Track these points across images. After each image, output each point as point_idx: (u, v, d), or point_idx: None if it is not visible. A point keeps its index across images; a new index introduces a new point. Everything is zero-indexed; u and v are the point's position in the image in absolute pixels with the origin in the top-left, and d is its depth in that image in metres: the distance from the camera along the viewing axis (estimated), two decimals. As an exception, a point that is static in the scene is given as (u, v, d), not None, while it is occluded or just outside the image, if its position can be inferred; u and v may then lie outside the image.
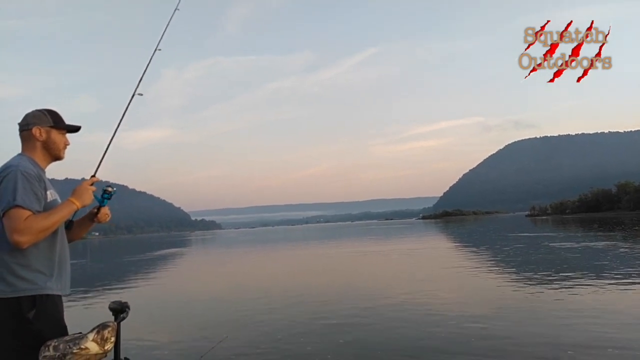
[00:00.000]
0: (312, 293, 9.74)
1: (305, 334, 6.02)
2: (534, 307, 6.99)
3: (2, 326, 1.95)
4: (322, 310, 7.58)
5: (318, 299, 8.78)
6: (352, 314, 7.15)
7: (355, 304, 8.03)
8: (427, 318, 6.55)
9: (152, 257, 27.95)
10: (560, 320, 6.01)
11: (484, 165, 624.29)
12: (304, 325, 6.52)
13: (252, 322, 6.94)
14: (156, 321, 7.55)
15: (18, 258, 1.97)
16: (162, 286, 13.13)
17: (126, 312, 2.16)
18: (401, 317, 6.68)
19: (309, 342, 5.61)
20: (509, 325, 5.85)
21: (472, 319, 6.35)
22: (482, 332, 5.57)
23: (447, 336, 5.50)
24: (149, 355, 5.31)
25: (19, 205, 1.91)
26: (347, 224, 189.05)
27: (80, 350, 1.85)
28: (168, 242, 62.84)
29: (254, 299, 9.49)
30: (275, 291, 10.38)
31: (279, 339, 5.80)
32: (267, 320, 7.05)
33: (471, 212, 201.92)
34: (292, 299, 9.00)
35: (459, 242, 26.07)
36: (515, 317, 6.35)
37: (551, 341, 5.04)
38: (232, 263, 21.01)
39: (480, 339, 5.28)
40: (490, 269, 12.11)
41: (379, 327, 6.21)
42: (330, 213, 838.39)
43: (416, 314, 6.84)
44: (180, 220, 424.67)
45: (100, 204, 2.29)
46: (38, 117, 2.20)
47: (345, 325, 6.41)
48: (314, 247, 28.91)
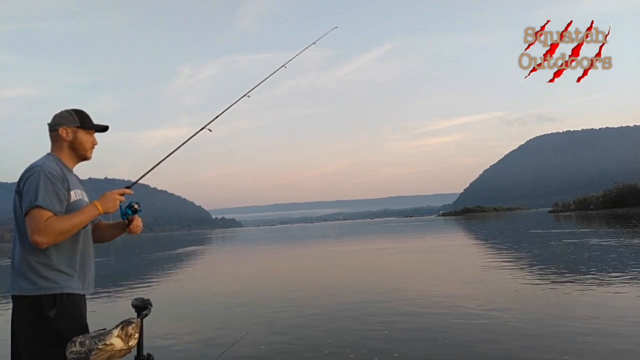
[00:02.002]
0: (334, 290, 9.72)
1: (325, 330, 6.03)
2: (561, 306, 6.86)
3: (24, 323, 2.01)
4: (344, 307, 7.57)
5: (340, 297, 8.76)
6: (374, 311, 7.11)
7: (377, 301, 7.99)
8: (450, 316, 6.46)
9: (173, 255, 28.30)
10: (591, 322, 5.86)
11: (505, 160, 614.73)
12: (324, 322, 6.52)
13: (273, 319, 6.98)
14: (177, 318, 7.65)
15: (40, 257, 2.02)
16: (183, 283, 13.29)
17: (148, 309, 2.20)
18: (425, 315, 6.61)
19: (330, 339, 5.60)
20: (538, 326, 5.74)
21: (498, 317, 6.25)
22: (509, 331, 5.50)
23: (472, 334, 5.44)
24: (171, 351, 5.40)
25: (40, 205, 1.95)
26: (366, 222, 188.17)
27: (105, 346, 1.89)
28: (189, 240, 63.54)
29: (275, 295, 9.54)
30: (296, 288, 10.39)
31: (300, 336, 5.82)
32: (287, 317, 7.08)
33: (492, 208, 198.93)
34: (313, 296, 9.01)
35: (481, 239, 25.67)
36: (543, 316, 6.21)
37: (580, 343, 4.95)
38: (252, 260, 21.13)
39: (506, 339, 5.21)
40: (516, 267, 11.84)
41: (401, 324, 6.16)
42: (348, 210, 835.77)
43: (439, 312, 6.76)
44: (201, 219, 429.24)
45: (121, 216, 2.29)
46: (65, 117, 2.24)
47: (366, 322, 6.38)
48: (334, 245, 28.90)
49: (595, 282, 8.50)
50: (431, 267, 13.39)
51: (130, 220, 2.32)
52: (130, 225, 2.33)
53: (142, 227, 2.40)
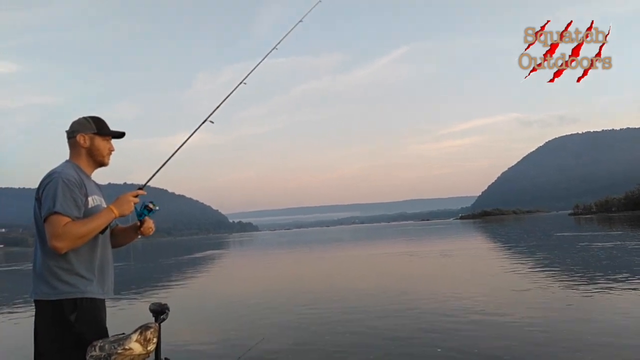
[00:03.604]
0: (352, 295, 9.65)
1: (343, 336, 5.98)
2: (585, 312, 6.71)
3: (46, 327, 2.04)
4: (362, 312, 7.50)
5: (358, 301, 8.69)
6: (393, 316, 7.02)
7: (397, 305, 7.90)
8: (473, 320, 6.37)
9: (191, 259, 28.54)
10: (616, 329, 5.73)
11: (524, 162, 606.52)
12: (341, 327, 6.47)
13: (290, 324, 6.97)
14: (195, 322, 7.69)
15: (60, 262, 2.05)
16: (200, 288, 13.38)
17: (166, 314, 2.22)
18: (445, 319, 6.52)
19: (348, 344, 5.57)
20: (563, 331, 5.63)
21: (520, 322, 6.13)
22: (532, 337, 5.40)
23: (493, 339, 5.36)
24: (188, 355, 5.43)
25: (58, 211, 1.98)
26: (382, 225, 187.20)
27: (125, 350, 1.91)
28: (207, 244, 64.01)
29: (293, 300, 9.54)
30: (314, 293, 10.39)
31: (317, 341, 5.81)
32: (305, 321, 7.06)
33: (511, 211, 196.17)
34: (330, 301, 8.96)
35: (502, 243, 25.24)
36: (567, 322, 6.09)
37: (604, 349, 4.84)
38: (269, 264, 21.18)
39: (529, 344, 5.12)
40: (539, 271, 11.60)
41: (423, 328, 6.08)
42: (364, 214, 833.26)
43: (461, 316, 6.64)
44: (219, 223, 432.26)
45: (137, 217, 2.31)
46: (82, 124, 2.27)
47: (386, 326, 6.32)
48: (351, 249, 28.81)
49: (623, 286, 8.31)
50: (451, 271, 13.20)
51: (142, 222, 2.33)
52: (141, 227, 2.34)
53: (155, 228, 2.42)
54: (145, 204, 2.31)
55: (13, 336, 7.61)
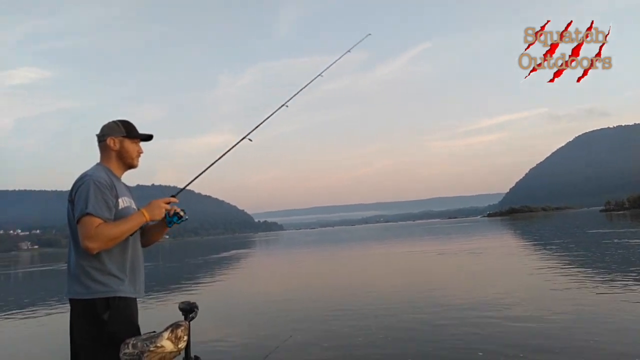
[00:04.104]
0: (381, 293, 9.56)
1: (375, 335, 5.93)
2: (617, 313, 6.51)
3: (80, 326, 2.10)
4: (391, 311, 7.39)
5: (389, 300, 8.58)
6: (428, 314, 6.87)
7: (430, 305, 7.71)
8: (514, 320, 6.16)
9: (218, 258, 28.89)
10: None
11: (552, 158, 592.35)
12: (371, 326, 6.43)
13: (317, 322, 6.99)
14: (223, 320, 7.79)
15: (92, 262, 2.11)
16: (227, 286, 13.53)
17: (195, 312, 2.27)
18: (484, 320, 6.31)
19: (375, 344, 5.53)
20: (610, 332, 5.46)
21: (565, 323, 5.91)
22: (578, 338, 5.27)
23: (537, 341, 5.20)
24: (216, 353, 5.49)
25: (90, 213, 2.05)
26: (407, 223, 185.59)
27: (157, 348, 1.96)
28: (233, 243, 64.73)
29: (319, 299, 9.54)
30: (342, 291, 10.37)
31: (345, 339, 5.79)
32: (332, 319, 7.05)
33: (540, 208, 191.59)
34: (360, 299, 8.88)
35: (532, 240, 24.56)
36: (614, 323, 5.84)
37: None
38: (295, 263, 21.27)
39: (577, 346, 4.99)
40: (576, 269, 11.12)
41: (460, 329, 5.88)
42: (389, 212, 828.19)
43: (501, 317, 6.39)
44: (244, 222, 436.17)
45: (167, 224, 2.38)
46: (112, 128, 2.34)
47: (419, 326, 6.17)
48: (377, 247, 28.65)
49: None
50: (484, 269, 12.89)
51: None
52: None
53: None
54: (177, 211, 2.37)
55: (49, 333, 7.86)
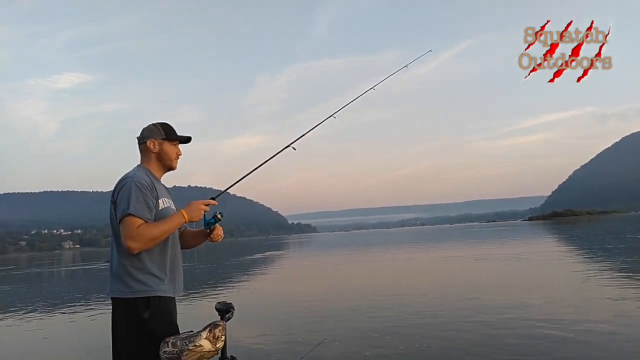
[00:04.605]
0: (419, 298, 9.33)
1: (407, 339, 5.85)
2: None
3: (122, 324, 2.16)
4: (432, 316, 7.21)
5: (426, 305, 8.36)
6: (470, 322, 6.62)
7: (472, 311, 7.40)
8: (566, 332, 5.79)
9: (252, 259, 29.25)
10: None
11: (599, 159, 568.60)
12: (405, 331, 6.33)
13: (353, 325, 6.93)
14: (257, 321, 7.85)
15: (133, 261, 2.16)
16: (262, 287, 13.67)
17: (231, 313, 2.29)
18: (530, 331, 5.95)
19: (411, 349, 5.44)
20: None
21: (624, 336, 5.55)
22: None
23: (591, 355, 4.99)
24: (251, 354, 5.54)
25: (131, 214, 2.10)
26: (445, 227, 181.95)
27: (195, 347, 2.00)
28: (267, 245, 65.36)
29: (354, 301, 9.47)
30: (377, 294, 10.26)
31: (380, 343, 5.74)
32: (367, 323, 6.99)
33: (584, 212, 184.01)
34: (397, 303, 8.73)
35: (579, 246, 23.19)
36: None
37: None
38: (329, 265, 21.25)
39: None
40: (633, 278, 10.45)
41: (505, 339, 5.56)
42: (426, 215, 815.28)
43: (552, 329, 5.95)
44: (278, 224, 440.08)
45: (204, 225, 2.41)
46: (152, 130, 2.40)
47: (460, 335, 5.97)
48: (414, 251, 28.22)
49: None
50: (529, 276, 12.36)
51: (211, 230, 2.44)
52: (211, 234, 2.45)
53: (223, 235, 2.52)
54: (216, 213, 2.40)
55: (91, 330, 8.17)
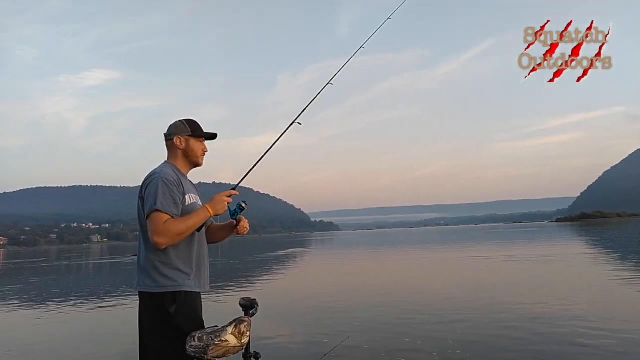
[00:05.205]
0: (443, 299, 9.23)
1: (430, 340, 5.78)
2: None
3: (148, 318, 2.19)
4: (457, 318, 7.09)
5: (451, 306, 8.23)
6: (497, 325, 6.48)
7: (499, 314, 7.26)
8: (599, 339, 5.64)
9: (275, 256, 29.41)
10: None
11: (629, 160, 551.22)
12: (430, 331, 6.27)
13: (375, 324, 6.90)
14: (280, 318, 7.89)
15: (160, 257, 2.19)
16: (285, 284, 13.74)
17: (255, 309, 2.30)
18: (560, 338, 5.74)
19: (435, 351, 5.37)
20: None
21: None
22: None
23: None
24: (275, 350, 5.57)
25: (158, 209, 2.13)
26: (470, 227, 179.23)
27: (221, 342, 2.02)
28: (290, 242, 65.66)
29: (377, 300, 9.43)
30: (400, 294, 10.20)
31: (403, 343, 5.69)
32: (390, 322, 6.95)
33: (614, 214, 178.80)
34: (420, 304, 8.65)
35: (610, 248, 22.40)
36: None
37: None
38: (352, 263, 21.20)
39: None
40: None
41: (532, 346, 5.38)
42: (450, 215, 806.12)
43: (585, 334, 5.74)
44: (301, 221, 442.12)
45: (231, 216, 2.43)
46: (178, 127, 2.42)
47: (486, 338, 5.83)
48: (437, 251, 27.88)
49: None
50: (558, 278, 12.02)
51: (238, 221, 2.45)
52: (237, 227, 2.46)
53: (249, 228, 2.53)
54: (239, 203, 2.42)
55: (118, 322, 8.34)
